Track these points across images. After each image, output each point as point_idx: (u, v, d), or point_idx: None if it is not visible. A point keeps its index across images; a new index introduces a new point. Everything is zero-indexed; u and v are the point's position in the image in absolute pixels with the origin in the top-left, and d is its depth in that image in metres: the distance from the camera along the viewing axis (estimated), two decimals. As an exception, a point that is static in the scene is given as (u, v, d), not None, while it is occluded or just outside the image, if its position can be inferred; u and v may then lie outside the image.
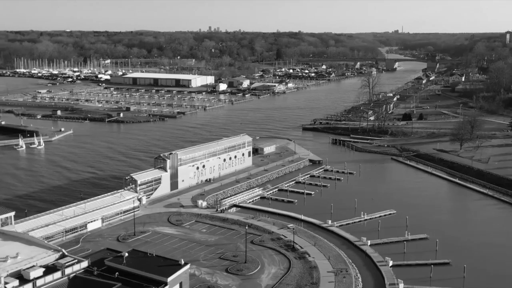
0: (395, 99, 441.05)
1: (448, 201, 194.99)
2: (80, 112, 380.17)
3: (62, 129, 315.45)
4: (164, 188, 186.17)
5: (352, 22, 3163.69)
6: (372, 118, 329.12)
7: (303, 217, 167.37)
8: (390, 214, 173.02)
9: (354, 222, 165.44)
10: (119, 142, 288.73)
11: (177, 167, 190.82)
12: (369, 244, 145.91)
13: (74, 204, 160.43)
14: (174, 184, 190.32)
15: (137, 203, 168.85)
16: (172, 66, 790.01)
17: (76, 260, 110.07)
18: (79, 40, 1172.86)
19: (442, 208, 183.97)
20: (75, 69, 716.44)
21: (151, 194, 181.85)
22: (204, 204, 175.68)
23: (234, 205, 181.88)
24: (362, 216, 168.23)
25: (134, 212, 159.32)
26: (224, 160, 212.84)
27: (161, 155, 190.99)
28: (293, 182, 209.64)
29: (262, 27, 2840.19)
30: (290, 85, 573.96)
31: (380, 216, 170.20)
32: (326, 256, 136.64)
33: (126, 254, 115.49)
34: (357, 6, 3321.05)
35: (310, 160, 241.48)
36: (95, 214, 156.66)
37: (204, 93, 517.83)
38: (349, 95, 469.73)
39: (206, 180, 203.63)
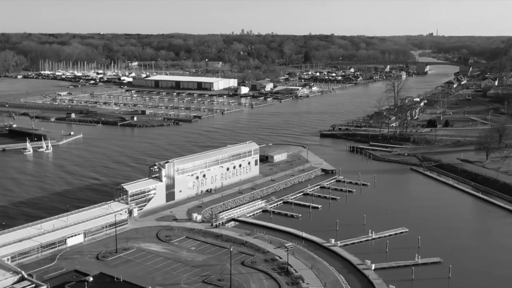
0: (422, 104, 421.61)
1: (469, 219, 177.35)
2: (94, 115, 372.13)
3: (72, 133, 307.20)
4: (158, 199, 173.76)
5: (386, 25, 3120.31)
6: (394, 124, 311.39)
7: (304, 235, 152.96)
8: (401, 232, 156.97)
9: (360, 242, 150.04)
10: (129, 147, 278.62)
11: (174, 176, 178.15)
12: (373, 268, 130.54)
13: (57, 216, 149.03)
14: (170, 195, 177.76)
15: (125, 216, 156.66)
16: (196, 68, 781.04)
17: (33, 285, 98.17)
18: (109, 42, 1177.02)
19: (462, 227, 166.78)
20: (100, 71, 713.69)
21: (144, 205, 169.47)
22: (199, 217, 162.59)
23: (233, 219, 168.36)
24: (370, 234, 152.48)
25: (116, 227, 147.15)
26: (228, 169, 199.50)
27: (156, 163, 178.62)
28: (300, 194, 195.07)
29: (295, 29, 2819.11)
30: (314, 88, 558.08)
31: (390, 235, 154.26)
32: (322, 282, 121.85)
33: (91, 279, 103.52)
34: (391, 8, 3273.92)
35: (323, 170, 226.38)
36: (77, 228, 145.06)
37: (225, 96, 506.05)
38: (375, 99, 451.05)
39: (207, 191, 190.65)
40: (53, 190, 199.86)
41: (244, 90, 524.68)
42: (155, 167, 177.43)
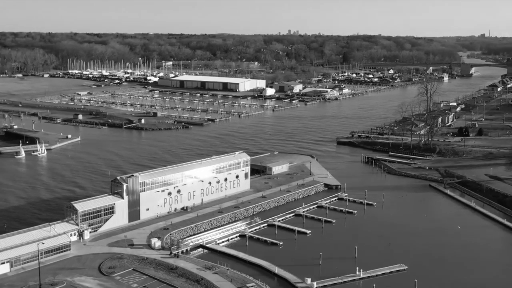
0: (458, 109, 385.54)
1: (490, 257, 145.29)
2: (102, 117, 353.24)
3: (69, 136, 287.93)
4: (119, 219, 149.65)
5: (436, 25, 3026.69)
6: (421, 132, 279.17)
7: (277, 270, 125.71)
8: (398, 271, 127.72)
9: (344, 282, 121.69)
10: (126, 152, 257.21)
11: (139, 192, 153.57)
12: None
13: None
14: (134, 213, 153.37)
15: (68, 240, 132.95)
16: (229, 69, 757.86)
17: None
18: (148, 42, 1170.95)
19: (478, 267, 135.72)
20: (129, 70, 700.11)
21: (100, 226, 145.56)
22: (158, 244, 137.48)
23: (201, 246, 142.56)
24: (357, 273, 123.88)
25: (38, 259, 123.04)
26: (210, 183, 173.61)
27: (118, 178, 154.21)
28: (291, 215, 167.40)
29: (342, 30, 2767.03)
30: (345, 90, 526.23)
31: (384, 274, 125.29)
32: None
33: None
34: (441, 9, 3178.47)
35: (326, 185, 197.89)
36: (2, 255, 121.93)
37: (249, 98, 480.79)
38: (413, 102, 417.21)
39: (183, 209, 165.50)
40: (7, 205, 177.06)
41: (270, 91, 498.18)
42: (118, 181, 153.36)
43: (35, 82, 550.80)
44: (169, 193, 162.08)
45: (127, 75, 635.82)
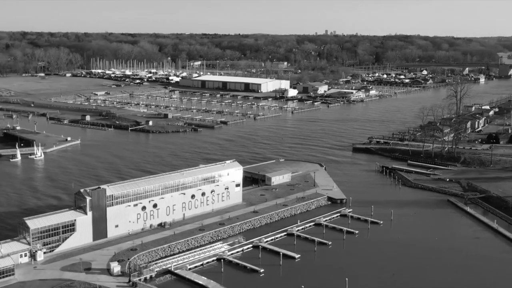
0: (491, 112, 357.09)
1: None
2: (111, 118, 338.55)
3: (68, 138, 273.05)
4: (81, 238, 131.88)
5: (476, 25, 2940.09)
6: (447, 138, 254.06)
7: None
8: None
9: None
10: (126, 157, 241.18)
11: (106, 207, 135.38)
12: None
13: None
14: (100, 231, 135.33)
15: (11, 263, 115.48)
16: (253, 69, 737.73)
17: None
18: (179, 41, 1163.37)
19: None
20: (153, 70, 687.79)
21: (58, 246, 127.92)
22: (118, 268, 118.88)
23: (169, 272, 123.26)
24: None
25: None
26: (193, 196, 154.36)
27: (81, 191, 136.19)
28: (283, 235, 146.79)
29: (378, 30, 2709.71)
30: (372, 92, 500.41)
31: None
32: None
33: None
34: (481, 9, 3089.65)
35: (329, 199, 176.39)
36: None
37: (270, 99, 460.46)
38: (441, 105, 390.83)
39: (160, 225, 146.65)
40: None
41: (292, 92, 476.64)
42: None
43: (55, 82, 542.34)
44: (143, 208, 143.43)
45: (149, 75, 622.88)
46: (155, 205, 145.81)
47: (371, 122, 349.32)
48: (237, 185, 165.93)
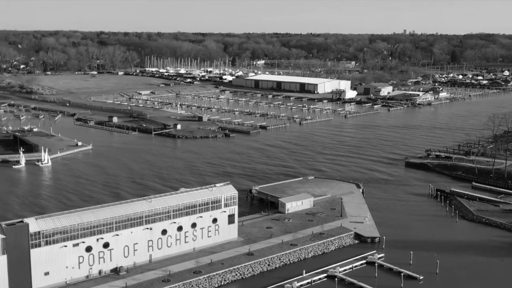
0: None
1: None
2: (140, 120, 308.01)
3: (79, 143, 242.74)
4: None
5: None
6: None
7: None
8: None
9: None
10: (134, 169, 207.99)
11: (29, 248, 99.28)
12: None
13: None
14: (21, 280, 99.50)
15: None
16: (320, 68, 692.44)
17: None
18: (246, 40, 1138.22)
19: None
20: (209, 69, 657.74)
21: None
22: None
23: None
24: None
25: None
26: (164, 232, 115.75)
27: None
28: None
29: (457, 29, 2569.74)
30: (442, 94, 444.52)
31: None
32: None
33: None
34: None
35: (357, 236, 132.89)
36: None
37: (325, 101, 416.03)
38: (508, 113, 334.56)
39: (114, 271, 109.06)
40: None
41: (351, 94, 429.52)
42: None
43: (103, 80, 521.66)
44: (88, 248, 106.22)
45: (203, 74, 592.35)
46: (106, 245, 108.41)
47: (436, 130, 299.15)
48: (230, 216, 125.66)
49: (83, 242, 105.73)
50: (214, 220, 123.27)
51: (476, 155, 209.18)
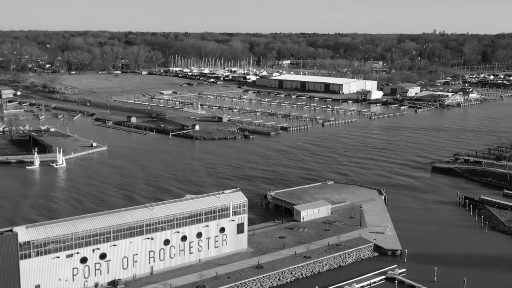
0: None
1: None
2: (159, 120, 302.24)
3: (94, 144, 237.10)
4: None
5: None
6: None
7: None
8: None
9: None
10: (152, 170, 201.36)
11: (18, 259, 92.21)
12: None
13: None
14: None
15: None
16: (346, 68, 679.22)
17: None
18: (272, 40, 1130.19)
19: None
20: (234, 68, 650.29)
21: None
22: None
23: None
24: None
25: None
26: (167, 242, 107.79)
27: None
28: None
29: (491, 28, 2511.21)
30: (472, 95, 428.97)
31: None
32: None
33: None
34: None
35: (377, 247, 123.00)
36: None
37: (350, 102, 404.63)
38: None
39: (112, 284, 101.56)
40: None
41: (376, 94, 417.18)
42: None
43: (126, 80, 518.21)
44: (83, 260, 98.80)
45: (226, 74, 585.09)
46: (102, 255, 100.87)
47: (465, 133, 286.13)
48: (239, 225, 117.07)
49: (78, 253, 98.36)
50: (222, 230, 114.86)
51: (508, 160, 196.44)
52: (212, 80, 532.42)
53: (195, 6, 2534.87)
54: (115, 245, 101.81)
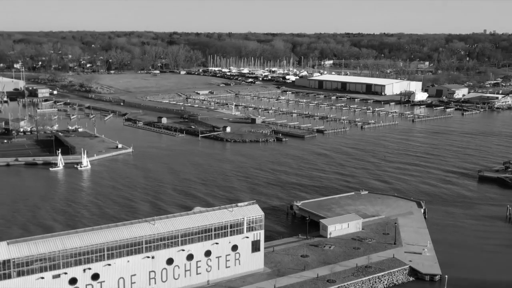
0: None
1: None
2: (190, 121, 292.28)
3: (119, 146, 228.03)
4: None
5: None
6: None
7: None
8: None
9: None
10: (178, 172, 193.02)
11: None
12: None
13: None
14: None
15: None
16: (391, 68, 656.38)
17: None
18: (314, 40, 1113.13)
19: None
20: (274, 68, 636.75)
21: None
22: None
23: None
24: None
25: None
26: (170, 261, 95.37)
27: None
28: None
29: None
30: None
31: None
32: None
33: None
34: None
35: (413, 271, 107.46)
36: None
37: (392, 103, 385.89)
38: None
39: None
40: None
41: (421, 96, 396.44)
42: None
43: (164, 79, 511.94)
44: (73, 281, 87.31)
45: (265, 74, 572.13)
46: (95, 276, 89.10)
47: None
48: (254, 242, 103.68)
49: (66, 273, 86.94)
50: (234, 248, 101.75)
51: None
52: (250, 80, 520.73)
53: (239, 7, 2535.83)
54: (109, 264, 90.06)
